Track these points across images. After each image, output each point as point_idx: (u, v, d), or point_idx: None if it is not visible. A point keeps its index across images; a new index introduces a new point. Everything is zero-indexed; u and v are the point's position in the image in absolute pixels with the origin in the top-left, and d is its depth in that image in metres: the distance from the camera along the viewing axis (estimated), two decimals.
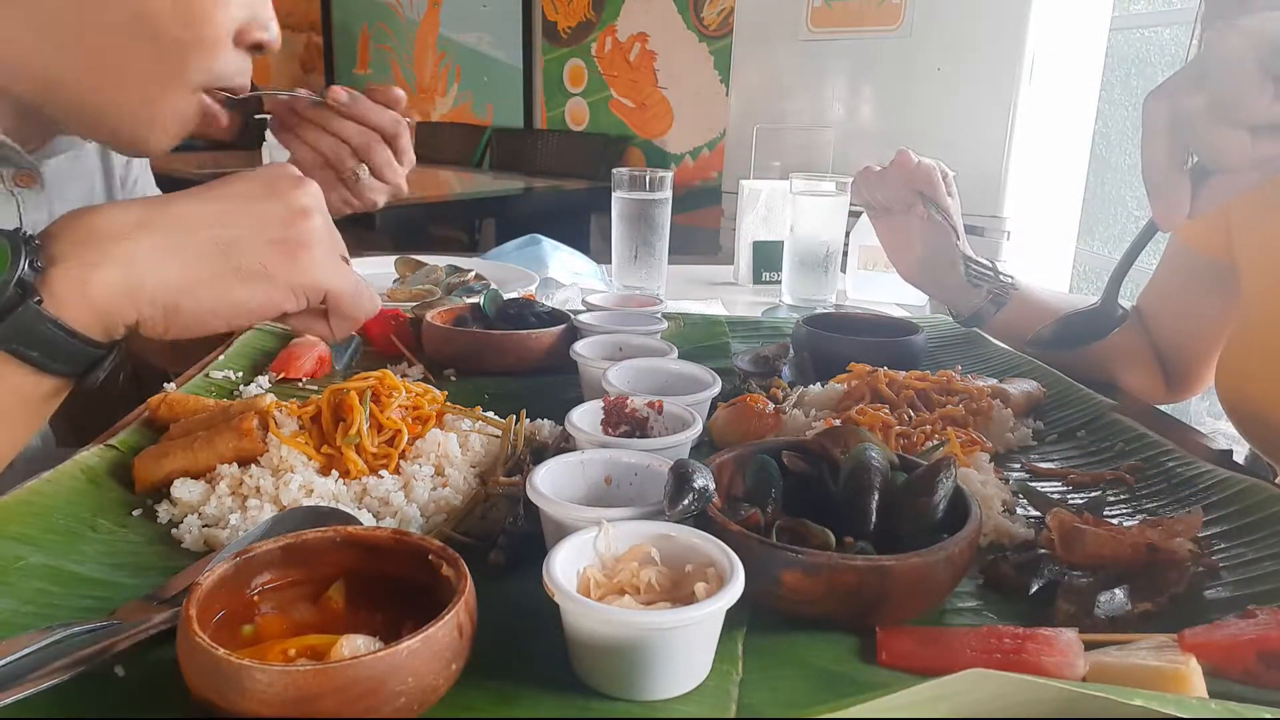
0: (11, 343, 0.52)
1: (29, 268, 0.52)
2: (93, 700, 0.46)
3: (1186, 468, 0.74)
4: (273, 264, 0.59)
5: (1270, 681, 0.46)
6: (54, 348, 0.53)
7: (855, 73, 2.69)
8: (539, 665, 0.49)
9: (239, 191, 0.61)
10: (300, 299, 0.61)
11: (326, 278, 0.61)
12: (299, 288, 0.60)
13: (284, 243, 0.59)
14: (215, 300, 0.58)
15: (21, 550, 0.58)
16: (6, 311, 0.51)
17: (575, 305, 1.22)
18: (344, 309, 0.64)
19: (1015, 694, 0.36)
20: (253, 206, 0.60)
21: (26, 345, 0.53)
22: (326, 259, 0.61)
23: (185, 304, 0.57)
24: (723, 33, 3.79)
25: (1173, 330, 1.10)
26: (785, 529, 0.56)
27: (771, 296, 1.53)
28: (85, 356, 0.55)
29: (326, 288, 0.62)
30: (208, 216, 0.58)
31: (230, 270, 0.58)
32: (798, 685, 0.49)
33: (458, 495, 0.67)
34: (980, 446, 0.78)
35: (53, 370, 0.55)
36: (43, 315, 0.52)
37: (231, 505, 0.66)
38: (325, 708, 0.40)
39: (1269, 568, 0.59)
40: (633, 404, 0.73)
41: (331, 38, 5.60)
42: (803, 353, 1.02)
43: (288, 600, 0.50)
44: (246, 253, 0.58)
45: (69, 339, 0.54)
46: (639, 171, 1.42)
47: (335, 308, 0.64)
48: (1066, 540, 0.59)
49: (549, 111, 4.62)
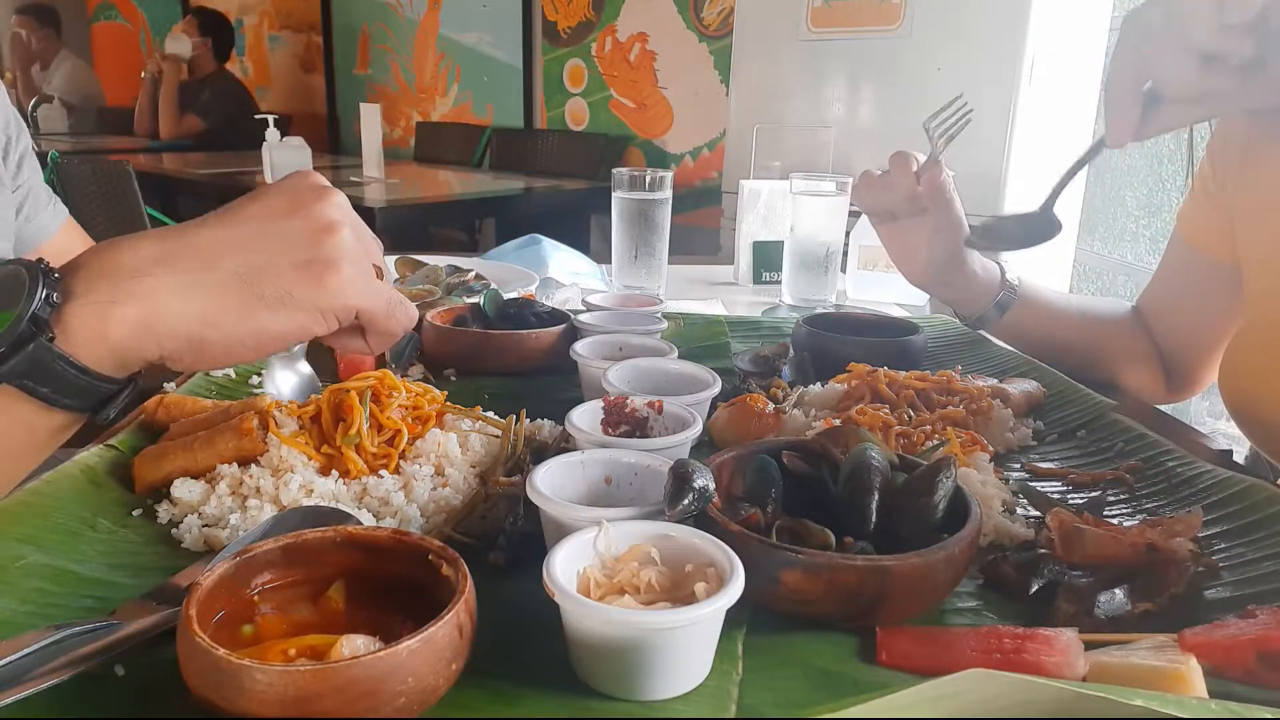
0: (22, 378, 0.51)
1: (44, 302, 0.51)
2: (93, 700, 0.46)
3: (1186, 468, 0.74)
4: (299, 289, 0.56)
5: (1270, 681, 0.46)
6: (65, 384, 0.52)
7: (855, 73, 2.68)
8: (539, 665, 0.49)
9: (260, 212, 0.58)
10: (330, 321, 0.59)
11: (356, 298, 0.59)
12: (327, 310, 0.58)
13: (309, 265, 0.57)
14: (240, 330, 0.56)
15: (22, 550, 0.58)
16: (18, 347, 0.50)
17: (575, 305, 1.22)
18: (377, 326, 0.62)
19: (1015, 694, 0.36)
20: (275, 227, 0.57)
21: (37, 381, 0.52)
22: (356, 277, 0.58)
23: (210, 335, 0.55)
24: (723, 33, 3.79)
25: (1174, 330, 1.09)
26: (785, 529, 0.56)
27: (771, 296, 1.53)
28: (96, 393, 0.54)
29: (357, 307, 0.59)
30: (229, 244, 0.56)
31: (255, 299, 0.56)
32: (798, 685, 0.49)
33: (458, 495, 0.67)
34: (980, 446, 0.78)
35: (63, 406, 0.53)
36: (54, 352, 0.51)
37: (231, 505, 0.66)
38: (325, 708, 0.40)
39: (1269, 568, 0.59)
40: (633, 404, 0.73)
41: (331, 38, 5.59)
42: (803, 353, 1.02)
43: (288, 600, 0.50)
44: (270, 280, 0.56)
45: (80, 375, 0.52)
46: (639, 171, 1.42)
47: (369, 326, 0.62)
48: (1066, 540, 0.59)
49: (549, 111, 4.62)
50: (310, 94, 5.78)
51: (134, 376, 0.56)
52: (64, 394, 0.53)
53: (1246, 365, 0.93)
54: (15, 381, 0.51)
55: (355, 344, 0.63)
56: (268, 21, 5.92)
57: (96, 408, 0.55)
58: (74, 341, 0.52)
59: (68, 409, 0.54)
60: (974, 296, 1.12)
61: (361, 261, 0.60)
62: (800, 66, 2.78)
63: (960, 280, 1.11)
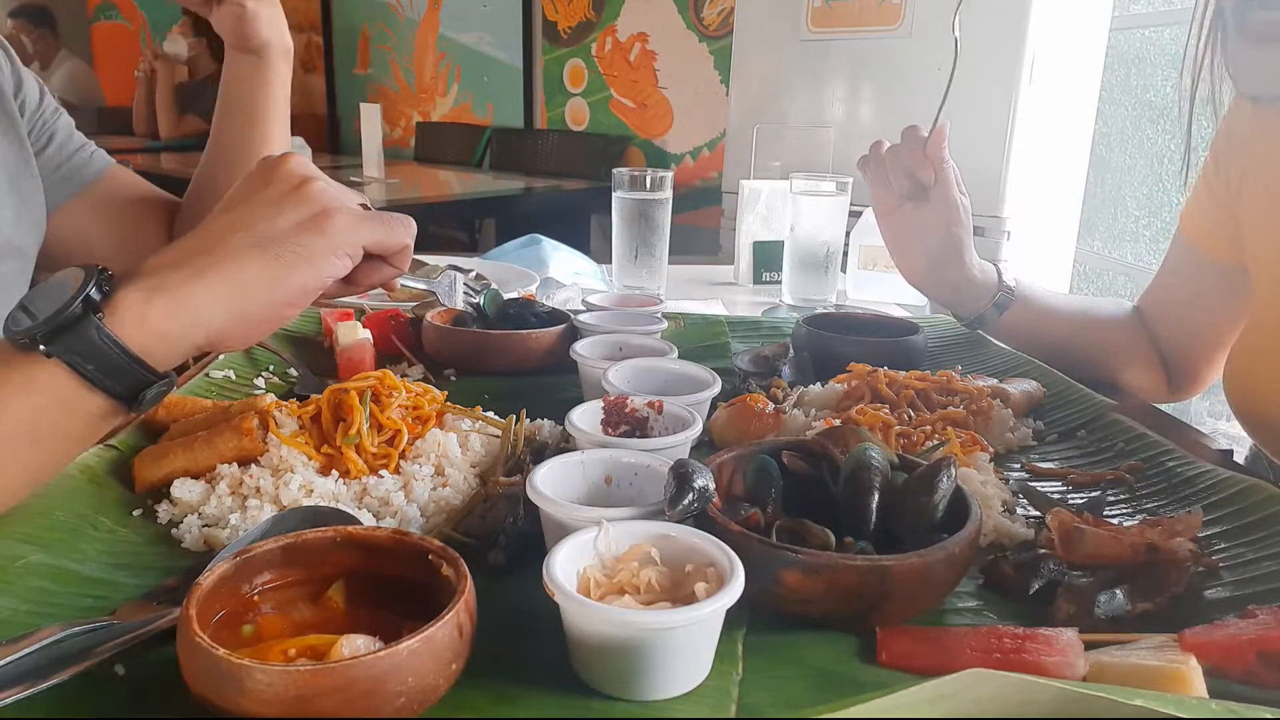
0: (71, 353, 0.55)
1: (96, 290, 0.56)
2: (93, 700, 0.46)
3: (1186, 468, 0.74)
4: (307, 239, 0.62)
5: (1270, 681, 0.46)
6: (109, 364, 0.56)
7: (855, 73, 2.68)
8: (539, 665, 0.49)
9: (243, 193, 0.65)
10: (343, 260, 0.64)
11: (358, 231, 0.64)
12: (339, 250, 0.63)
13: (308, 218, 0.62)
14: (272, 291, 0.61)
15: (22, 549, 0.58)
16: (70, 324, 0.55)
17: (575, 305, 1.22)
18: (388, 246, 0.68)
19: (1015, 694, 0.36)
20: (260, 197, 0.63)
21: (84, 358, 0.56)
22: (348, 216, 0.64)
23: (248, 305, 0.61)
24: (723, 33, 3.79)
25: (1176, 329, 1.09)
26: (785, 529, 0.56)
27: (771, 296, 1.52)
28: (136, 378, 0.58)
29: (361, 242, 0.65)
30: (232, 225, 0.62)
31: (273, 260, 0.61)
32: (798, 685, 0.49)
33: (458, 495, 0.67)
34: (980, 446, 0.78)
35: (104, 387, 0.57)
36: (103, 331, 0.56)
37: (231, 505, 0.66)
38: (325, 708, 0.40)
39: (1269, 568, 0.59)
40: (633, 404, 0.73)
41: (332, 38, 5.59)
42: (803, 353, 1.02)
43: (288, 600, 0.50)
44: (279, 241, 0.61)
45: (122, 355, 0.56)
46: (639, 171, 1.42)
47: (382, 249, 0.68)
48: (1066, 540, 0.59)
49: (549, 111, 4.62)
50: (310, 94, 5.78)
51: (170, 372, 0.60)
52: (106, 374, 0.57)
53: (1252, 368, 0.93)
54: (65, 356, 0.55)
55: (384, 272, 0.70)
56: None
57: (134, 395, 0.58)
58: (120, 324, 0.57)
59: (107, 391, 0.57)
60: (971, 297, 1.12)
61: (346, 200, 0.65)
62: (800, 66, 2.79)
63: (958, 280, 1.11)
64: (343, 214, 0.64)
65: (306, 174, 0.65)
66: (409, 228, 0.69)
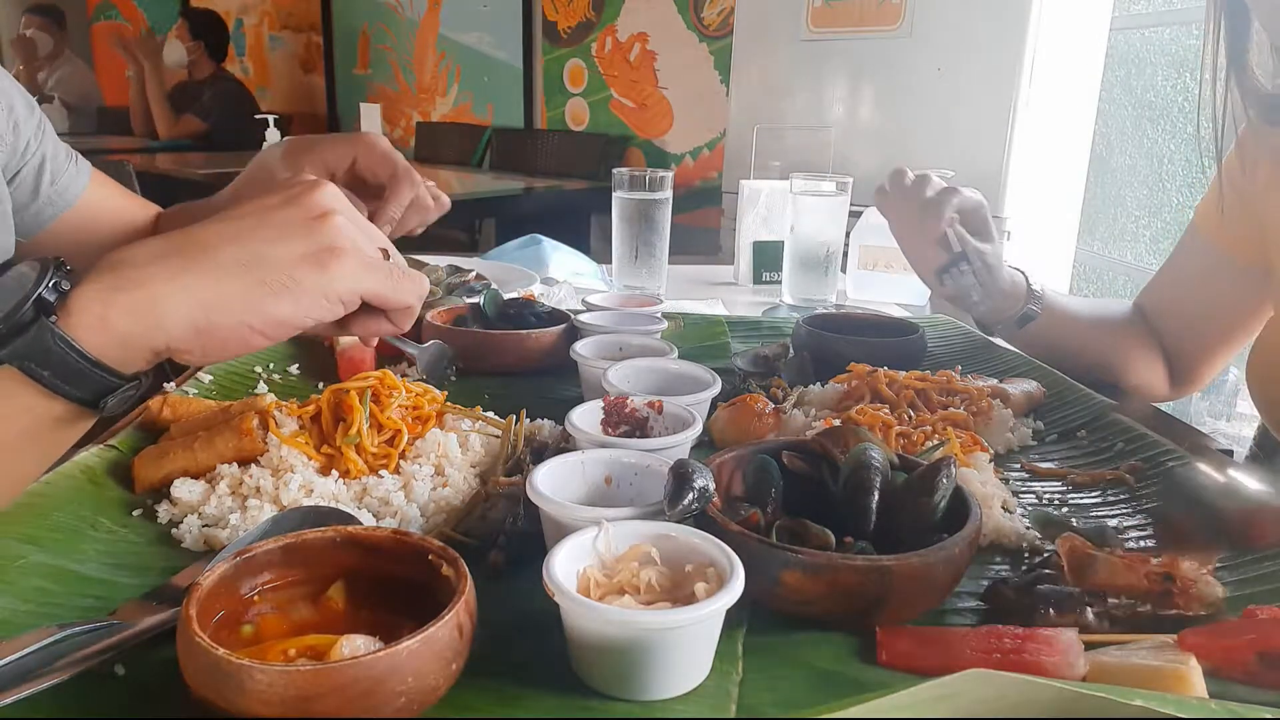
0: (24, 359, 0.52)
1: (51, 288, 0.52)
2: (93, 700, 0.46)
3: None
4: (301, 274, 0.57)
5: (1270, 681, 0.46)
6: (65, 369, 0.53)
7: (855, 73, 2.68)
8: (539, 665, 0.49)
9: (256, 206, 0.60)
10: (335, 306, 0.59)
11: (358, 281, 0.59)
12: (331, 295, 0.58)
13: (311, 252, 0.57)
14: (247, 315, 0.56)
15: (22, 549, 0.58)
16: (22, 329, 0.52)
17: (574, 305, 1.22)
18: (388, 303, 0.62)
19: (1015, 694, 0.36)
20: (271, 217, 0.58)
21: (38, 364, 0.52)
22: (356, 261, 0.59)
23: (216, 321, 0.56)
24: (723, 33, 3.79)
25: (1182, 326, 1.08)
26: (785, 529, 0.56)
27: (771, 296, 1.53)
28: (97, 382, 0.54)
29: (360, 291, 0.60)
30: (228, 236, 0.57)
31: (258, 284, 0.56)
32: (798, 685, 0.49)
33: (458, 495, 0.67)
34: (980, 447, 0.78)
35: (64, 393, 0.54)
36: (56, 334, 0.52)
37: (231, 505, 0.66)
38: (325, 708, 0.40)
39: (1269, 568, 0.59)
40: (633, 404, 0.73)
41: (332, 38, 5.59)
42: (803, 353, 1.02)
43: (288, 600, 0.50)
44: (272, 267, 0.56)
45: (79, 360, 0.53)
46: (639, 171, 1.42)
47: (380, 304, 0.62)
48: (1077, 567, 0.57)
49: (549, 111, 4.62)
50: (310, 94, 5.78)
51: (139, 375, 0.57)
52: (64, 380, 0.53)
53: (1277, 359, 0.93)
54: (17, 363, 0.52)
55: (380, 326, 0.64)
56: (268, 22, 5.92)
57: (97, 399, 0.55)
58: (76, 326, 0.53)
59: (67, 396, 0.54)
60: (999, 306, 1.06)
61: (362, 246, 0.60)
62: (800, 66, 2.79)
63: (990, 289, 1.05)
64: (350, 257, 0.58)
65: (331, 207, 0.59)
66: (418, 287, 0.63)
